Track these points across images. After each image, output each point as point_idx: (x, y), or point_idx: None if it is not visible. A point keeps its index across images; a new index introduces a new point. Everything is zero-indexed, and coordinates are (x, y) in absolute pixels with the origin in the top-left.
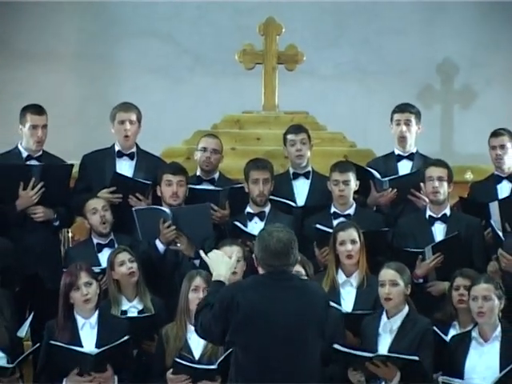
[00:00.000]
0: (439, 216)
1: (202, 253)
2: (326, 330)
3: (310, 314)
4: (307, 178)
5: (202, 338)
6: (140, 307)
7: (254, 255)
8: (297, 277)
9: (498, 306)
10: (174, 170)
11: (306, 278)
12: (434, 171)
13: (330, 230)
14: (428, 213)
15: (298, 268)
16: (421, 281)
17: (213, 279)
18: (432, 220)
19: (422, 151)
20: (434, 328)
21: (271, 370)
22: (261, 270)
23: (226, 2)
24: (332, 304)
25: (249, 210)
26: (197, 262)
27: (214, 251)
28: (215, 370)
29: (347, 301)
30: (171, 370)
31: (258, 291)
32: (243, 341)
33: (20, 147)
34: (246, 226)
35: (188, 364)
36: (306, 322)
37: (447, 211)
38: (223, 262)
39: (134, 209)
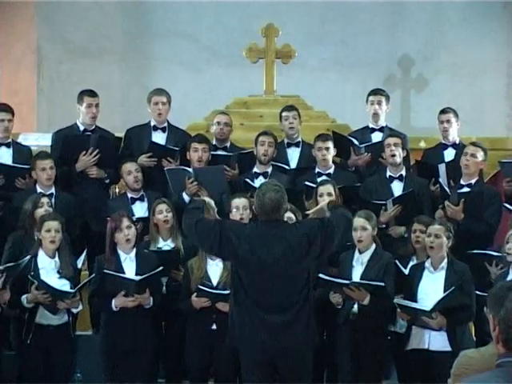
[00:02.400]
0: (397, 176)
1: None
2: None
3: (297, 253)
4: (298, 147)
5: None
6: (172, 245)
7: (253, 207)
8: (285, 223)
9: (446, 243)
10: (200, 140)
11: (291, 214)
12: (390, 140)
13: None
14: (388, 173)
15: (290, 214)
16: (383, 226)
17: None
18: (391, 179)
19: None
20: (396, 261)
21: (263, 294)
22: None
23: (236, 10)
24: None
25: (255, 170)
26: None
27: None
28: (229, 294)
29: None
30: (195, 294)
31: (256, 234)
32: (241, 270)
33: (78, 123)
34: (253, 182)
35: (208, 290)
36: (292, 262)
37: (403, 172)
38: None
39: (165, 168)
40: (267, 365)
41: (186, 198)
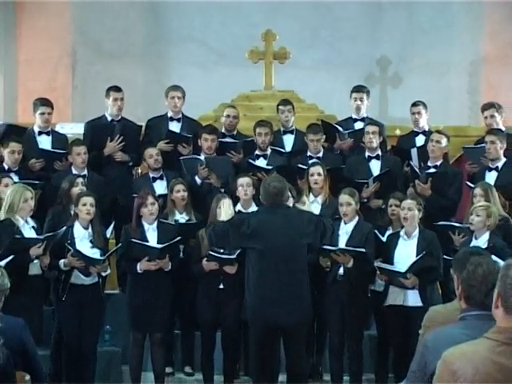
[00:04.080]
0: (374, 156)
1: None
2: (314, 234)
3: (298, 230)
4: (292, 134)
5: (217, 245)
6: (187, 218)
7: (260, 196)
8: (288, 206)
9: (417, 215)
10: (210, 131)
11: (291, 198)
12: (369, 128)
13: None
14: (367, 154)
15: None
16: (365, 200)
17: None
18: (369, 159)
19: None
20: (375, 231)
21: (272, 267)
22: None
23: (240, 19)
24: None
25: (257, 152)
26: (222, 190)
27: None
28: (234, 259)
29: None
30: (206, 259)
31: (263, 216)
32: (252, 247)
33: (106, 114)
34: (254, 161)
35: (216, 255)
36: (294, 236)
37: (379, 153)
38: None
39: (181, 158)
40: (273, 328)
41: (198, 180)
